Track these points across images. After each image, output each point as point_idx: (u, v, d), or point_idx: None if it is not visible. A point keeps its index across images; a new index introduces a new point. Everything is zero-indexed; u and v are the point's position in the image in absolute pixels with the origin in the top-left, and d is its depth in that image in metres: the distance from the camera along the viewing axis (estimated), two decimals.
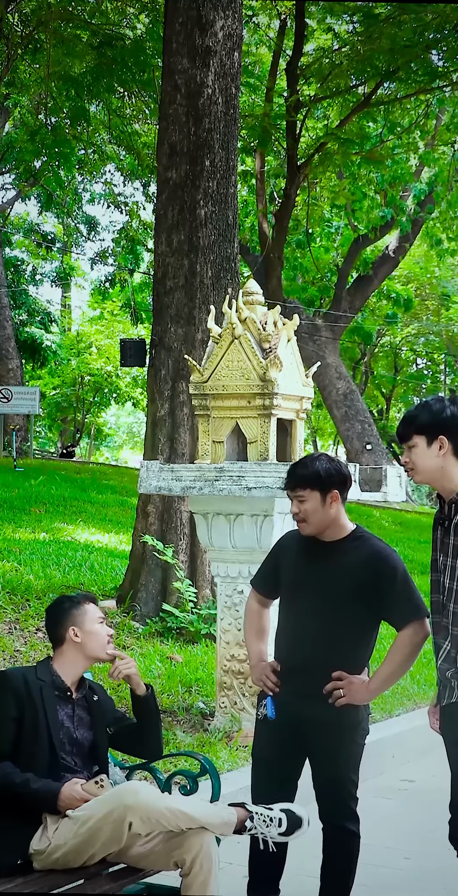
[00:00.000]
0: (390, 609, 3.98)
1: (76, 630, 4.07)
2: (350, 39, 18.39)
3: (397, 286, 32.63)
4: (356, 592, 3.97)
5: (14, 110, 25.14)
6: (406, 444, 3.81)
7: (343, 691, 3.95)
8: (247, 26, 19.79)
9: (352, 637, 4.04)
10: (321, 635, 4.00)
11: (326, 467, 4.08)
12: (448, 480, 3.76)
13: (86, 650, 4.07)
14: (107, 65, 17.73)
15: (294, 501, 4.09)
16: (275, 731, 4.07)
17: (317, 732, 4.00)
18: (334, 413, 30.11)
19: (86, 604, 4.16)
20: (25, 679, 3.97)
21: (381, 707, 7.58)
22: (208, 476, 6.33)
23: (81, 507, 15.71)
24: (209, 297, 9.35)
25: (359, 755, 4.11)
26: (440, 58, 18.08)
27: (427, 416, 3.77)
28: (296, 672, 4.04)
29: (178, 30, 9.71)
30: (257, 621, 4.35)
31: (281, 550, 4.28)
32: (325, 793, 4.09)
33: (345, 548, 4.05)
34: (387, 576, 3.97)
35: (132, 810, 3.65)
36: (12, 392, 24.73)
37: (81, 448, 42.32)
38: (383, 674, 3.99)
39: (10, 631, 8.17)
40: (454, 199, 23.13)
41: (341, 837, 4.08)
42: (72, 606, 4.14)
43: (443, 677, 3.75)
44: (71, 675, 4.07)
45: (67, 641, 4.07)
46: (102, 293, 35.10)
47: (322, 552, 4.07)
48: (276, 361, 6.24)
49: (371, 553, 4.03)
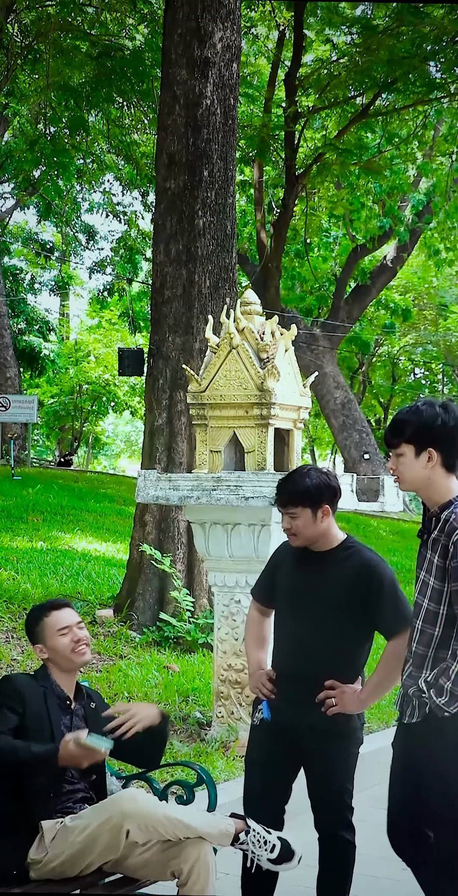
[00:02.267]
0: (378, 619, 4.00)
1: (41, 647, 4.08)
2: (349, 50, 18.44)
3: (395, 296, 32.68)
4: (347, 602, 3.99)
5: (13, 120, 25.19)
6: (394, 451, 3.72)
7: (335, 700, 3.96)
8: (246, 37, 19.86)
9: (345, 646, 4.05)
10: (314, 645, 4.01)
11: (316, 483, 4.07)
12: (434, 492, 3.69)
13: (57, 664, 4.06)
14: (106, 75, 17.79)
15: (285, 517, 4.09)
16: (269, 736, 4.08)
17: (311, 741, 4.01)
18: (332, 422, 30.14)
19: (45, 617, 4.10)
20: (28, 685, 3.97)
21: (379, 717, 7.58)
22: (206, 485, 6.33)
23: (79, 516, 15.71)
24: (207, 307, 9.37)
25: (353, 764, 4.11)
26: (437, 69, 18.15)
27: (417, 425, 3.66)
28: (291, 680, 4.06)
29: (177, 41, 9.75)
30: (257, 630, 4.37)
31: (276, 561, 4.30)
32: (320, 801, 4.09)
33: (336, 558, 4.07)
34: (375, 586, 3.98)
35: (130, 818, 3.65)
36: (10, 400, 24.71)
37: (79, 457, 42.28)
38: (373, 683, 4.00)
39: (7, 640, 8.16)
40: (451, 209, 23.19)
41: (337, 846, 4.08)
42: (33, 623, 4.13)
43: (404, 694, 3.73)
44: (63, 682, 4.07)
45: (42, 657, 4.10)
46: (101, 302, 35.11)
47: (314, 563, 4.10)
48: (273, 371, 6.26)
49: (361, 563, 4.04)
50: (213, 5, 9.70)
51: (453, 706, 3.53)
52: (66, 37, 18.26)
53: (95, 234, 33.38)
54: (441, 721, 3.57)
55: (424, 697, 3.61)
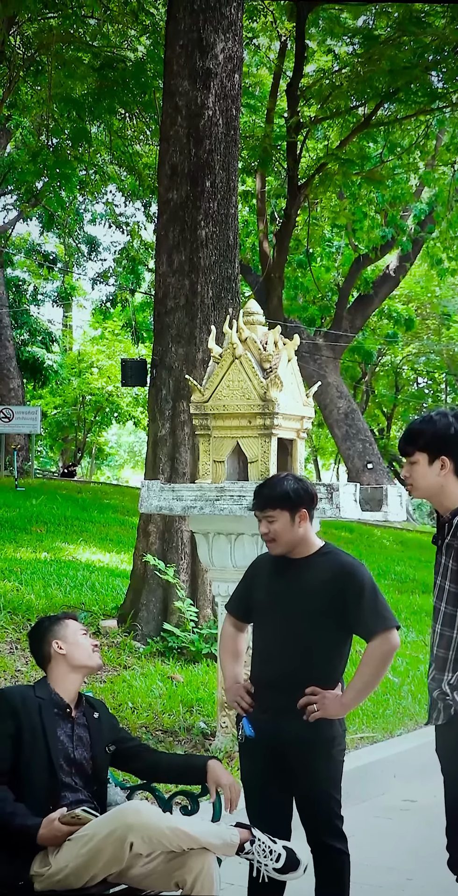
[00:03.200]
0: (357, 621, 3.99)
1: (59, 643, 4.08)
2: (350, 61, 18.51)
3: (397, 305, 32.69)
4: (326, 607, 3.99)
5: (16, 131, 25.26)
6: (408, 459, 3.82)
7: (317, 706, 3.95)
8: (247, 48, 19.92)
9: (324, 652, 4.05)
10: (293, 651, 4.01)
11: (294, 487, 4.11)
12: (446, 498, 3.77)
13: (72, 660, 4.07)
14: (108, 86, 17.83)
15: (263, 522, 4.11)
16: (257, 753, 4.07)
17: (294, 750, 3.99)
18: (335, 432, 30.13)
19: (66, 619, 4.20)
20: (23, 697, 3.96)
21: (382, 727, 7.56)
22: (209, 496, 6.33)
23: (82, 527, 15.71)
24: (210, 317, 9.37)
25: (338, 771, 4.09)
26: (439, 79, 18.20)
27: (431, 434, 3.76)
28: (270, 689, 4.05)
29: (178, 52, 9.77)
30: (232, 645, 4.34)
31: (252, 573, 4.30)
32: (308, 813, 4.08)
33: (313, 563, 4.08)
34: (354, 589, 3.98)
35: (134, 830, 3.64)
36: (13, 412, 24.74)
37: (82, 467, 42.31)
38: (355, 686, 4.00)
39: (11, 651, 8.16)
40: (454, 218, 23.21)
41: (329, 856, 4.06)
42: (51, 624, 4.18)
43: (431, 697, 3.77)
44: (67, 691, 4.06)
45: (54, 656, 4.08)
46: (104, 313, 35.15)
47: (292, 569, 4.10)
48: (276, 381, 6.26)
49: (338, 567, 4.05)
50: (214, 16, 9.72)
51: None
52: (69, 48, 18.32)
53: (98, 245, 33.45)
54: None
55: (448, 700, 3.66)
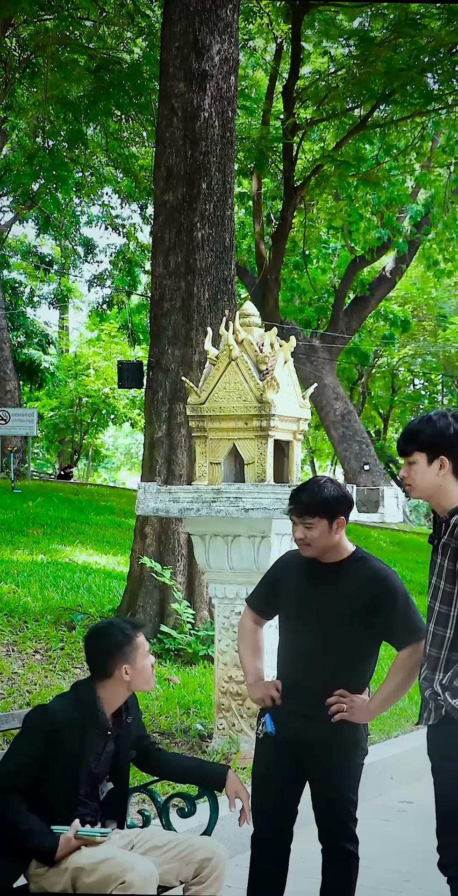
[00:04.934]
0: (389, 630, 3.98)
1: (128, 669, 3.94)
2: (346, 62, 18.52)
3: (394, 307, 32.73)
4: (358, 613, 3.97)
5: (12, 133, 25.26)
6: (406, 459, 3.80)
7: (346, 708, 3.95)
8: (243, 50, 19.93)
9: (354, 658, 4.04)
10: (323, 656, 3.99)
11: (334, 494, 4.05)
12: (444, 499, 3.76)
13: (133, 686, 3.99)
14: (104, 88, 17.85)
15: (300, 528, 4.04)
16: (275, 749, 4.06)
17: (317, 753, 3.99)
18: (332, 434, 30.16)
19: (137, 637, 4.01)
20: (68, 720, 3.82)
21: (379, 728, 7.56)
22: (206, 497, 6.33)
23: (79, 529, 15.70)
24: (206, 319, 9.37)
25: (358, 775, 4.10)
26: (435, 81, 18.23)
27: (430, 434, 3.74)
28: (297, 692, 4.03)
29: (174, 54, 9.77)
30: (253, 639, 4.32)
31: (280, 571, 4.25)
32: (324, 813, 4.08)
33: (346, 569, 4.05)
34: (387, 597, 3.97)
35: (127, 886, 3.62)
36: (10, 414, 24.74)
37: (79, 469, 42.29)
38: (383, 694, 4.00)
39: (7, 653, 8.15)
40: (450, 220, 23.25)
41: (341, 858, 4.07)
42: (123, 642, 3.96)
43: (423, 697, 3.76)
44: (113, 706, 3.98)
45: (116, 679, 3.94)
46: (100, 315, 35.19)
47: (324, 574, 4.07)
48: (273, 383, 6.26)
49: (372, 574, 4.03)
50: (210, 18, 9.72)
51: None
52: (65, 50, 18.34)
53: (94, 247, 33.48)
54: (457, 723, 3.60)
55: (439, 700, 3.65)
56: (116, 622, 4.09)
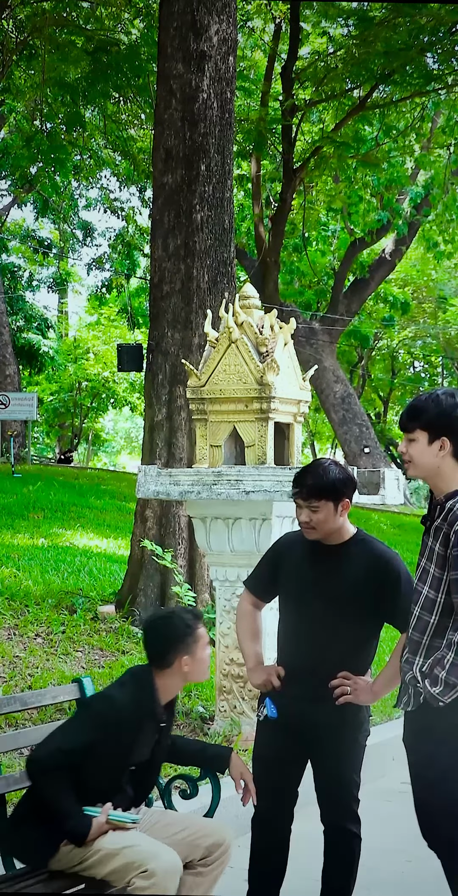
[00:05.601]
0: (393, 612, 3.97)
1: (188, 660, 3.93)
2: (345, 43, 18.42)
3: (393, 289, 32.64)
4: (361, 596, 3.96)
5: (9, 116, 25.16)
6: (407, 435, 3.73)
7: (349, 691, 3.95)
8: (242, 31, 19.81)
9: (356, 640, 4.04)
10: (326, 638, 3.98)
11: (340, 477, 4.02)
12: (441, 480, 3.70)
13: (189, 677, 3.98)
14: (102, 70, 17.76)
15: (305, 510, 4.02)
16: (277, 732, 4.06)
17: (321, 735, 3.99)
18: (332, 416, 30.11)
19: (199, 628, 3.99)
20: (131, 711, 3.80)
21: (381, 710, 7.57)
22: (206, 480, 6.32)
23: (80, 513, 15.71)
24: (206, 302, 9.35)
25: (361, 756, 4.11)
26: (434, 61, 18.12)
27: (435, 413, 3.67)
28: (300, 675, 4.03)
29: (172, 35, 9.72)
30: (252, 623, 4.31)
31: (280, 554, 4.24)
32: (327, 794, 4.08)
33: (349, 551, 4.04)
34: (392, 580, 3.96)
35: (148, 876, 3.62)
36: (10, 398, 24.71)
37: (79, 453, 42.30)
38: (386, 675, 3.99)
39: (9, 637, 8.15)
40: (450, 201, 23.15)
41: (343, 839, 4.08)
42: (187, 633, 3.95)
43: (403, 681, 3.74)
44: (168, 696, 3.98)
45: (175, 670, 3.93)
46: (99, 299, 35.10)
47: (328, 556, 4.05)
48: (273, 365, 6.24)
49: (375, 557, 4.02)
50: None
51: (447, 696, 3.54)
52: (62, 32, 18.23)
53: (93, 231, 33.38)
54: (436, 710, 3.58)
55: (419, 687, 3.62)
56: (178, 611, 4.08)
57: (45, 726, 4.24)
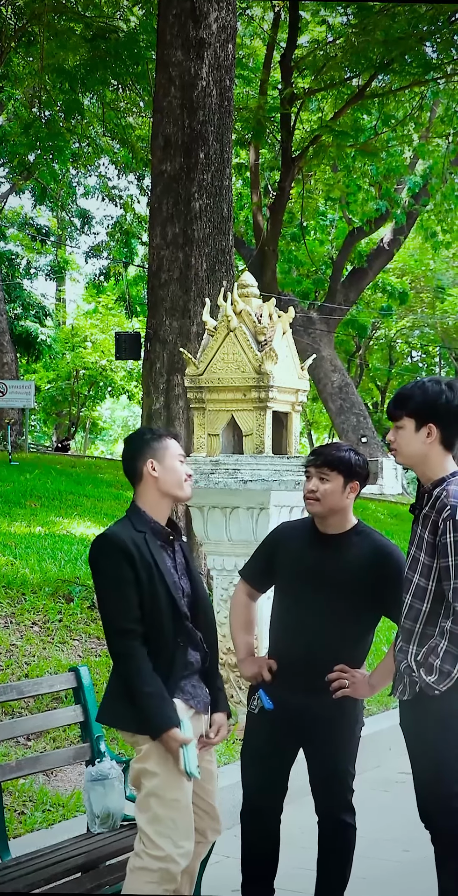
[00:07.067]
0: (392, 605, 3.95)
1: (154, 464, 3.85)
2: (344, 31, 18.35)
3: (391, 279, 32.60)
4: (360, 587, 3.96)
5: (8, 103, 25.07)
6: (395, 423, 3.75)
7: (347, 684, 3.95)
8: (241, 18, 19.74)
9: (354, 631, 4.03)
10: (324, 629, 3.97)
11: (356, 459, 4.06)
12: (429, 468, 3.71)
13: (162, 486, 3.87)
14: (101, 57, 17.69)
15: (314, 479, 4.02)
16: (270, 724, 4.05)
17: (317, 726, 3.99)
18: (330, 406, 30.09)
19: (167, 438, 3.94)
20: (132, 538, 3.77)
21: (377, 699, 7.58)
22: (204, 469, 6.32)
23: (77, 501, 15.69)
24: (204, 290, 9.33)
25: (356, 746, 4.11)
26: (434, 50, 18.05)
27: (421, 400, 3.69)
28: (296, 665, 4.01)
29: (171, 22, 9.68)
30: (246, 614, 4.30)
31: (277, 543, 4.22)
32: (323, 786, 4.08)
33: (349, 542, 4.03)
34: (391, 572, 3.95)
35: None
36: (7, 386, 24.65)
37: (77, 442, 42.27)
38: (384, 669, 3.98)
39: (6, 625, 8.15)
40: (448, 191, 23.09)
41: (338, 830, 4.08)
42: (152, 439, 3.90)
43: (398, 670, 3.75)
44: (157, 514, 3.90)
45: (145, 477, 3.87)
46: (97, 287, 35.02)
47: (327, 545, 4.04)
48: (271, 354, 6.23)
49: (375, 548, 4.02)
50: None
51: (442, 684, 3.55)
52: (60, 19, 18.15)
53: (91, 219, 33.29)
54: (432, 699, 3.58)
55: (414, 676, 3.63)
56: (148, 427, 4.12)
57: (42, 715, 4.24)
